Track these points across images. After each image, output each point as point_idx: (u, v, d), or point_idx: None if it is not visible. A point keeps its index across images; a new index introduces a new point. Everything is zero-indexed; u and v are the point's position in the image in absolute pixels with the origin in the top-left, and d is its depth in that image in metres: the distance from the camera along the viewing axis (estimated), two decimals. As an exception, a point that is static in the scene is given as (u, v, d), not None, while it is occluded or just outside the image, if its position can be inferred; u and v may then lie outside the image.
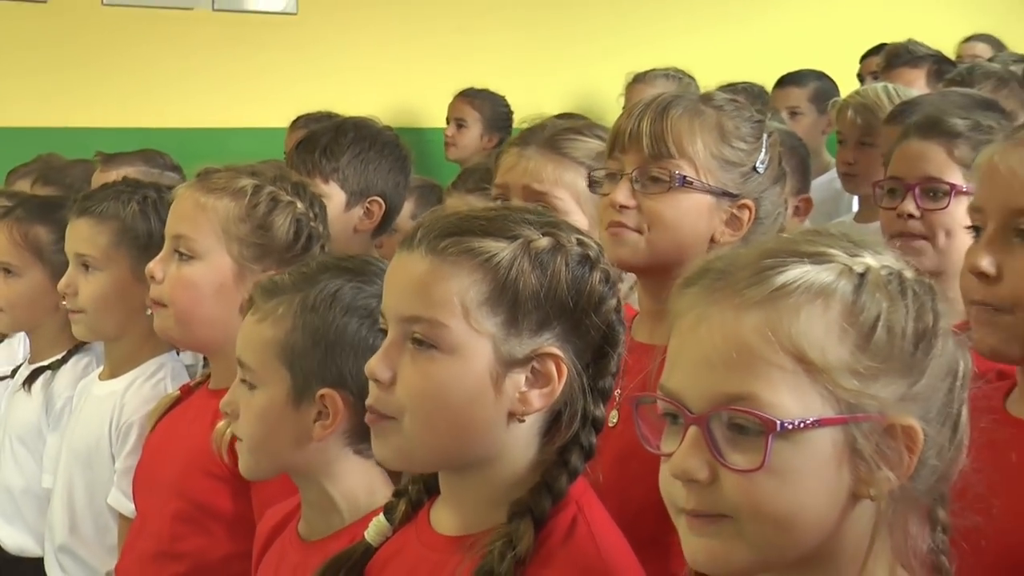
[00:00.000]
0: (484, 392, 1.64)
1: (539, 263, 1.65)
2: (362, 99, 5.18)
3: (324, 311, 1.99)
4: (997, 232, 1.76)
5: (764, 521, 1.30)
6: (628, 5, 7.25)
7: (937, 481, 1.38)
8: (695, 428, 1.31)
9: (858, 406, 1.30)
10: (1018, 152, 1.76)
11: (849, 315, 1.31)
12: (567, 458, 1.68)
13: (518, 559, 1.59)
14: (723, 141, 2.20)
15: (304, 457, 2.01)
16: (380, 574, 1.78)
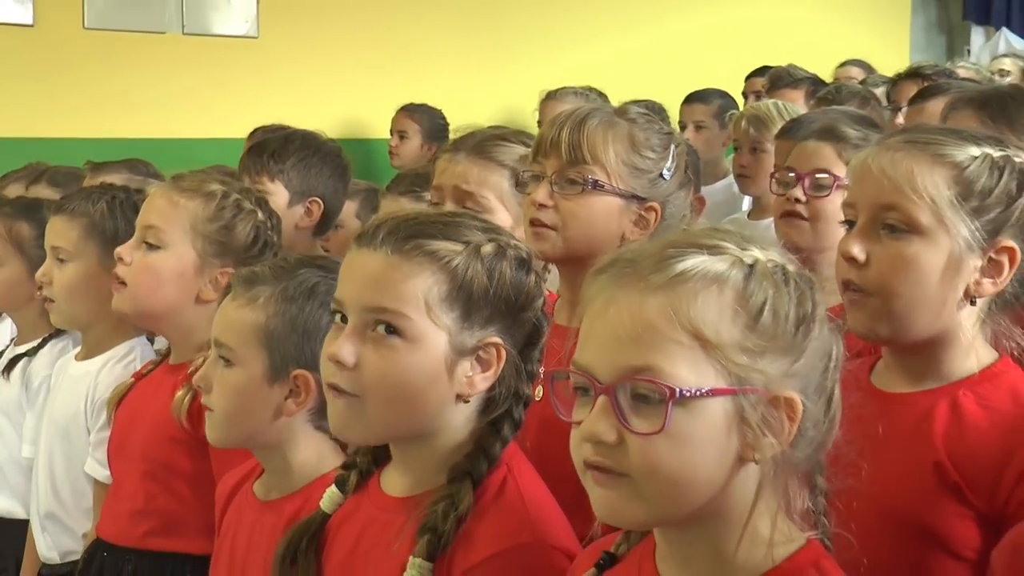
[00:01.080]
0: (439, 377, 1.65)
1: (487, 266, 1.67)
2: (314, 113, 5.17)
3: (302, 301, 1.99)
4: (867, 224, 1.77)
5: (660, 480, 1.30)
6: (549, 31, 7.27)
7: (814, 450, 1.39)
8: (603, 397, 1.31)
9: (746, 379, 1.31)
10: (887, 155, 1.77)
11: (740, 299, 1.31)
12: (500, 428, 1.70)
13: (458, 516, 1.61)
14: (633, 150, 2.20)
15: (272, 430, 2.00)
16: (336, 535, 1.78)
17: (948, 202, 1.73)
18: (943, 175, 1.74)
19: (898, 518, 1.71)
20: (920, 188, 1.73)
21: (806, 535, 1.39)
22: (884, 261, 1.75)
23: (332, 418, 1.71)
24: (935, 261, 1.73)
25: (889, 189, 1.75)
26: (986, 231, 1.74)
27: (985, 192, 1.74)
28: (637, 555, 1.46)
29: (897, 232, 1.74)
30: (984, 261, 1.75)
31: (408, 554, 1.61)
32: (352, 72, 6.60)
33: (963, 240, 1.73)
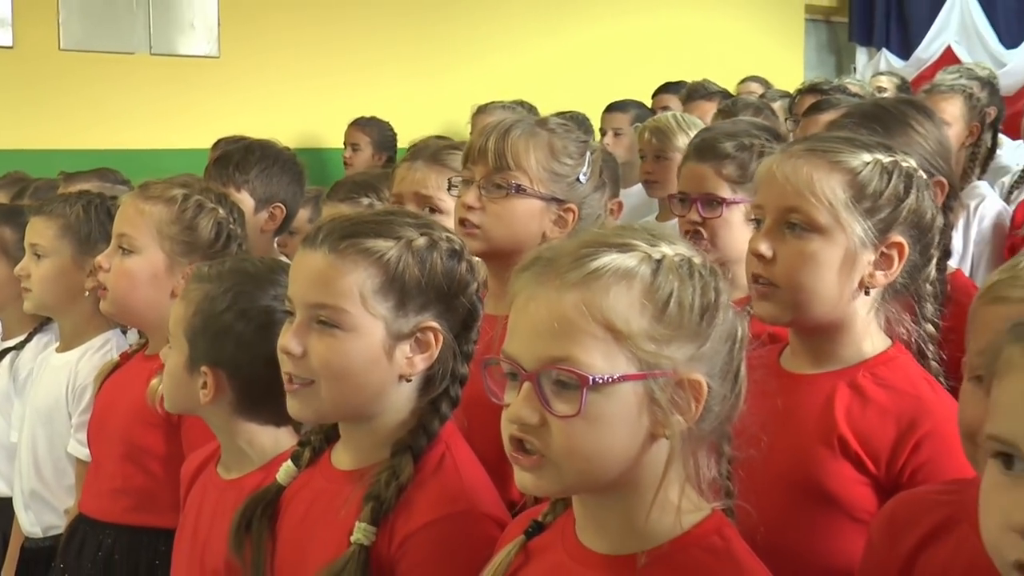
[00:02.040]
0: (379, 361, 1.65)
1: (419, 258, 1.66)
2: (271, 125, 5.09)
3: (218, 305, 1.97)
4: (773, 225, 1.79)
5: (578, 457, 1.31)
6: (483, 48, 7.25)
7: (721, 423, 1.39)
8: (528, 383, 1.31)
9: (655, 365, 1.31)
10: (790, 162, 1.78)
11: (647, 293, 1.31)
12: (438, 406, 1.71)
13: (400, 486, 1.61)
14: (553, 157, 2.20)
15: (203, 413, 2.01)
16: (290, 505, 1.77)
17: (844, 204, 1.74)
18: (839, 180, 1.75)
19: (804, 485, 1.73)
20: (819, 192, 1.74)
21: (712, 505, 1.40)
22: (788, 257, 1.76)
23: (289, 404, 1.71)
24: (833, 256, 1.75)
25: (792, 193, 1.76)
26: (878, 229, 1.76)
27: (876, 194, 1.76)
28: (561, 524, 1.46)
29: (799, 231, 1.76)
30: (876, 255, 1.77)
31: (354, 520, 1.62)
32: (305, 88, 6.54)
33: (858, 237, 1.75)
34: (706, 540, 1.35)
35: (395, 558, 1.61)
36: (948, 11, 8.56)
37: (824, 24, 9.32)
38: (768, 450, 1.50)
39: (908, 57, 8.65)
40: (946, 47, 8.43)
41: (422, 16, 7.03)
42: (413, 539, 1.60)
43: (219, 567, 1.88)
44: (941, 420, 1.69)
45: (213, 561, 1.91)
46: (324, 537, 1.67)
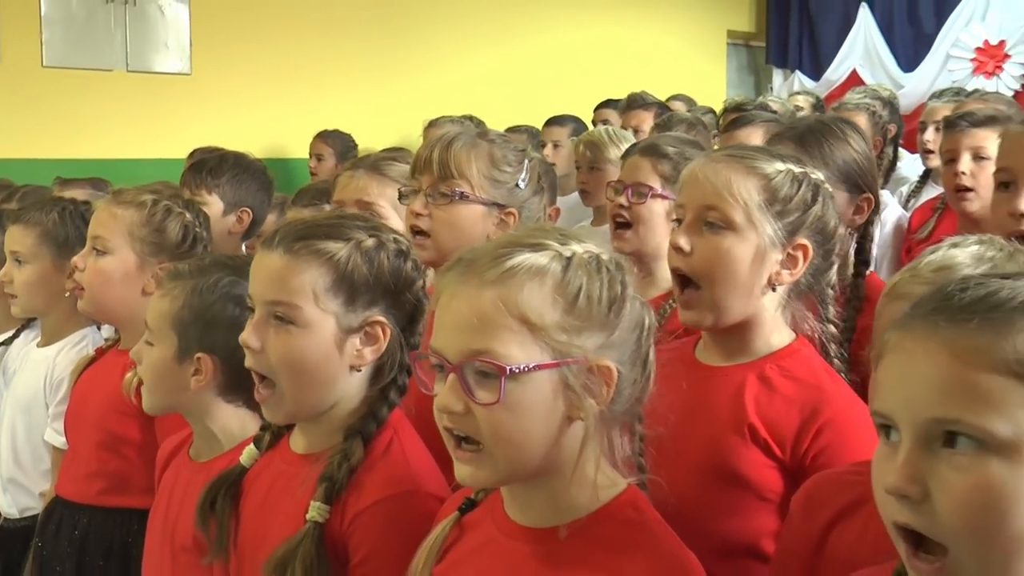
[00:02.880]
0: (331, 354, 1.65)
1: (368, 257, 1.66)
2: (241, 137, 5.08)
3: (206, 296, 1.96)
4: (692, 222, 1.79)
5: (503, 442, 1.31)
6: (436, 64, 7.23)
7: (632, 405, 1.40)
8: (453, 375, 1.31)
9: (567, 353, 1.31)
10: (711, 166, 1.79)
11: (559, 287, 1.32)
12: (387, 394, 1.71)
13: (351, 468, 1.62)
14: (493, 166, 2.20)
15: (185, 401, 1.99)
16: (252, 485, 1.77)
17: (757, 205, 1.75)
18: (754, 183, 1.76)
19: (718, 468, 1.73)
20: (735, 193, 1.75)
21: (627, 480, 1.40)
22: (705, 251, 1.77)
23: (265, 413, 1.72)
24: (745, 252, 1.75)
25: (711, 193, 1.77)
26: (786, 231, 1.77)
27: (787, 199, 1.77)
28: (491, 501, 1.47)
29: (716, 228, 1.76)
30: (783, 255, 1.78)
31: (310, 499, 1.61)
32: (272, 102, 6.51)
33: (768, 237, 1.76)
34: (621, 512, 1.36)
35: (347, 534, 1.60)
36: (853, 38, 8.65)
37: (744, 48, 9.38)
38: (684, 436, 1.52)
39: (818, 78, 8.73)
40: (852, 70, 8.52)
41: (379, 35, 7.00)
42: (363, 516, 1.60)
43: (188, 543, 1.87)
44: (840, 409, 1.71)
45: (183, 537, 1.90)
46: (283, 515, 1.66)
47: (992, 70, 7.90)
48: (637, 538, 1.34)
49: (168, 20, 6.27)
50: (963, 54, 8.05)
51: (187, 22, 6.33)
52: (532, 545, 1.36)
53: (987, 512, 0.99)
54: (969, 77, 7.70)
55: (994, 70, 7.90)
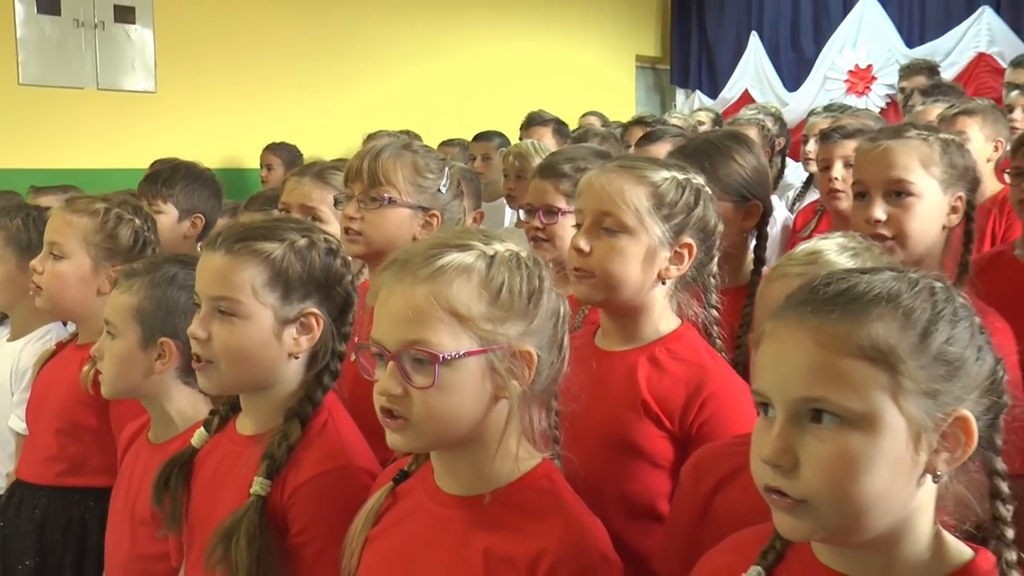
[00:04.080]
0: (270, 342, 1.64)
1: (300, 256, 1.65)
2: (201, 149, 5.05)
3: (165, 287, 1.94)
4: (590, 226, 1.79)
5: (436, 420, 1.31)
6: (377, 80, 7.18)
7: (549, 384, 1.40)
8: (392, 363, 1.31)
9: (493, 341, 1.31)
10: (605, 176, 1.79)
11: (484, 282, 1.32)
12: (321, 379, 1.69)
13: (289, 446, 1.61)
14: (417, 173, 2.18)
15: (149, 385, 1.96)
16: (202, 465, 1.75)
17: (646, 210, 1.75)
18: (643, 191, 1.76)
19: (615, 440, 1.74)
20: (627, 199, 1.75)
21: (543, 455, 1.41)
22: (601, 252, 1.77)
23: (199, 381, 1.69)
24: (637, 252, 1.75)
25: (606, 200, 1.77)
26: (672, 232, 1.77)
27: (672, 203, 1.77)
28: (422, 472, 1.46)
29: (611, 231, 1.76)
30: (671, 253, 1.78)
31: (253, 475, 1.60)
32: (228, 117, 6.43)
33: (657, 238, 1.76)
34: (537, 483, 1.37)
35: (286, 506, 1.59)
36: (745, 62, 8.73)
37: (651, 70, 9.45)
38: (588, 414, 1.52)
39: (715, 97, 8.80)
40: (744, 90, 8.59)
41: (322, 56, 6.94)
42: (301, 490, 1.58)
43: (146, 517, 1.85)
44: (720, 384, 1.72)
45: (142, 512, 1.88)
46: (229, 490, 1.64)
47: (862, 90, 8.03)
48: (550, 505, 1.34)
49: (135, 43, 6.19)
50: (838, 76, 8.17)
51: (152, 45, 6.25)
52: (458, 511, 1.37)
53: (846, 477, 1.01)
54: (843, 95, 7.80)
55: (864, 90, 8.03)
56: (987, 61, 7.20)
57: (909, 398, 1.01)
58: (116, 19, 6.10)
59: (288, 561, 1.57)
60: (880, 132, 2.19)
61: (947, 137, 2.09)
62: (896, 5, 7.98)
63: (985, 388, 1.05)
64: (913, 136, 2.05)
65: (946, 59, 7.39)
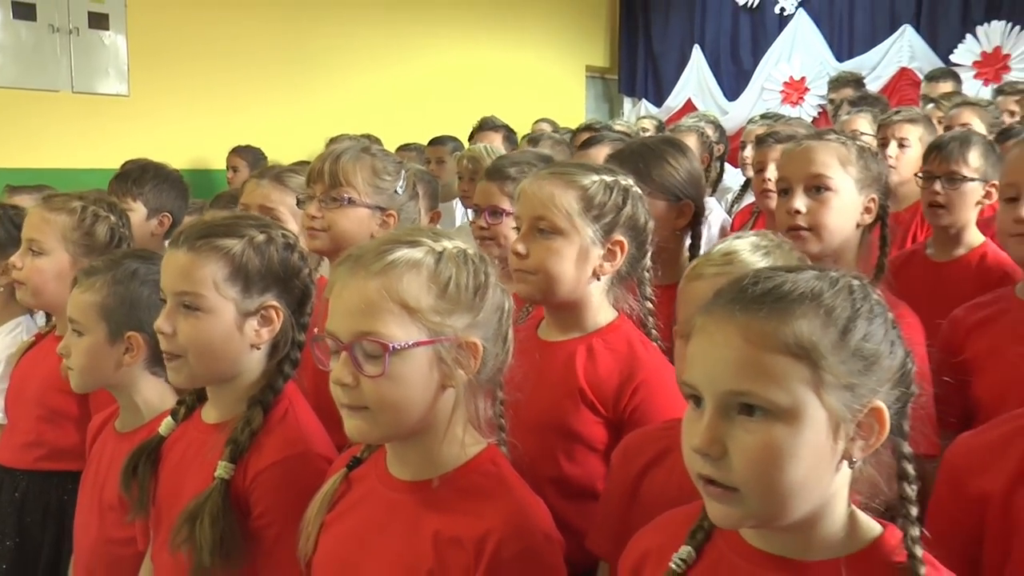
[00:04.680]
0: (232, 334, 1.62)
1: (259, 251, 1.63)
2: (171, 151, 4.99)
3: (127, 283, 1.91)
4: (527, 230, 1.79)
5: (387, 407, 1.30)
6: (337, 87, 7.12)
7: (495, 374, 1.40)
8: (345, 353, 1.30)
9: (441, 332, 1.31)
10: (538, 183, 1.79)
11: (432, 277, 1.31)
12: (282, 368, 1.68)
13: (252, 432, 1.60)
14: (375, 175, 2.18)
15: (118, 377, 1.93)
16: (169, 452, 1.73)
17: (577, 212, 1.76)
18: (574, 194, 1.77)
19: (555, 426, 1.74)
20: (559, 204, 1.76)
21: (488, 440, 1.41)
22: (538, 253, 1.77)
23: (169, 374, 1.67)
24: (570, 252, 1.76)
25: (539, 205, 1.77)
26: (604, 231, 1.78)
27: (601, 204, 1.78)
28: (375, 458, 1.46)
29: (546, 234, 1.77)
30: (604, 251, 1.79)
31: (218, 460, 1.58)
32: (197, 120, 6.34)
33: (589, 238, 1.77)
34: (483, 467, 1.37)
35: (249, 489, 1.58)
36: (688, 73, 8.79)
37: (600, 80, 9.46)
38: (529, 401, 1.52)
39: (660, 105, 8.85)
40: (687, 99, 8.66)
41: (286, 63, 6.87)
42: (262, 475, 1.57)
43: (114, 503, 1.84)
44: (651, 372, 1.73)
45: (109, 498, 1.86)
46: (195, 476, 1.63)
47: (796, 100, 8.13)
48: (495, 488, 1.34)
49: (108, 49, 6.10)
50: (774, 87, 8.26)
51: (125, 51, 6.16)
52: (409, 495, 1.36)
53: (772, 466, 1.02)
54: (779, 105, 7.89)
55: (798, 100, 8.12)
56: (908, 75, 7.32)
57: (830, 391, 1.02)
58: (90, 25, 6.01)
59: (250, 542, 1.56)
60: (803, 136, 2.24)
61: (863, 144, 2.15)
62: (827, 22, 8.07)
63: (896, 380, 1.06)
64: (833, 139, 2.11)
65: (872, 72, 7.52)
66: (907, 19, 7.56)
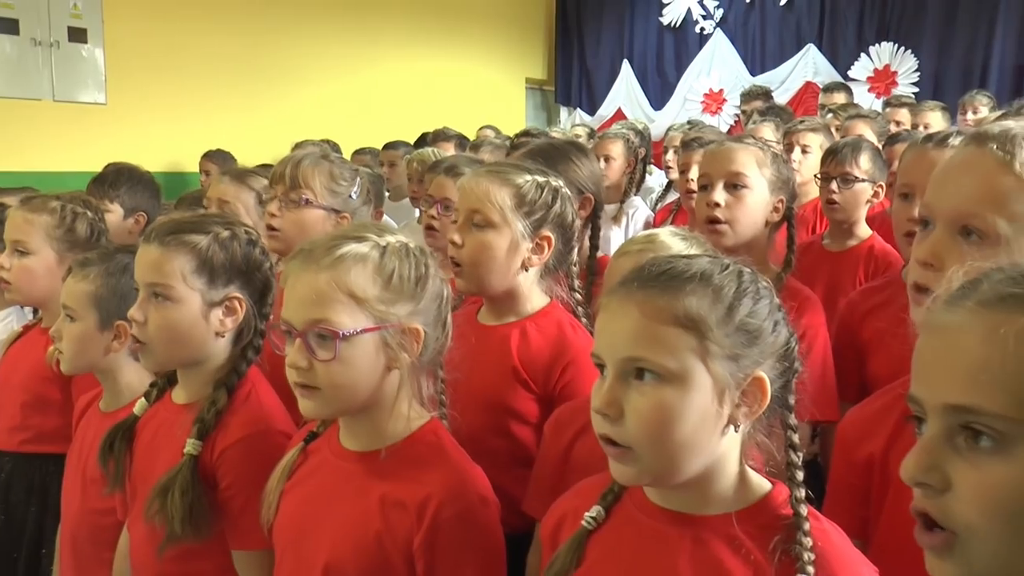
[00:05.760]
0: (198, 322, 1.61)
1: (224, 245, 1.62)
2: (146, 156, 4.84)
3: (119, 276, 1.89)
4: (463, 223, 1.79)
5: (339, 389, 1.31)
6: (301, 93, 7.02)
7: (436, 356, 1.40)
8: (299, 339, 1.29)
9: (386, 319, 1.31)
10: (475, 179, 1.79)
11: (378, 269, 1.32)
12: (246, 354, 1.67)
13: (218, 411, 1.59)
14: (332, 180, 2.17)
15: (105, 362, 1.91)
16: (143, 431, 1.72)
17: (510, 208, 1.76)
18: (507, 191, 1.77)
19: (492, 402, 1.75)
20: (493, 199, 1.76)
21: (431, 414, 1.41)
22: (472, 245, 1.77)
23: (141, 360, 1.66)
24: (502, 244, 1.76)
25: (475, 200, 1.77)
26: (533, 226, 1.78)
27: (532, 202, 1.78)
28: (329, 433, 1.46)
29: (480, 227, 1.77)
30: (532, 244, 1.79)
31: (187, 438, 1.57)
32: (171, 127, 6.22)
33: (519, 232, 1.76)
34: (425, 438, 1.37)
35: (216, 464, 1.57)
36: (618, 85, 8.84)
37: (539, 91, 9.45)
38: (469, 379, 1.53)
39: (593, 114, 8.88)
40: (618, 108, 8.71)
41: (252, 74, 6.76)
42: (228, 450, 1.57)
43: (96, 476, 1.81)
44: (579, 352, 1.73)
45: (92, 472, 1.84)
46: (166, 452, 1.62)
47: (715, 110, 8.22)
48: (436, 456, 1.35)
49: (87, 60, 5.97)
50: (695, 98, 8.34)
51: (103, 63, 6.03)
52: (358, 464, 1.37)
53: (661, 424, 1.04)
54: (700, 114, 7.96)
55: (716, 110, 8.21)
56: (812, 88, 7.43)
57: (715, 360, 1.03)
58: (70, 39, 5.89)
59: (217, 512, 1.56)
60: (725, 139, 2.27)
61: (777, 151, 2.20)
62: (741, 41, 8.16)
63: (780, 355, 1.08)
64: (752, 143, 2.16)
65: (782, 86, 7.63)
66: (811, 39, 7.69)
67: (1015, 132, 1.20)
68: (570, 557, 1.15)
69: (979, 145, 1.21)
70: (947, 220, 1.20)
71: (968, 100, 5.15)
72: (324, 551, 1.33)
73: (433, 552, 1.27)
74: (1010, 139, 1.19)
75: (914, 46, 7.09)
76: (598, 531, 1.16)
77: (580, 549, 1.15)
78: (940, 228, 1.21)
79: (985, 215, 1.17)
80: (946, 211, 1.21)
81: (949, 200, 1.21)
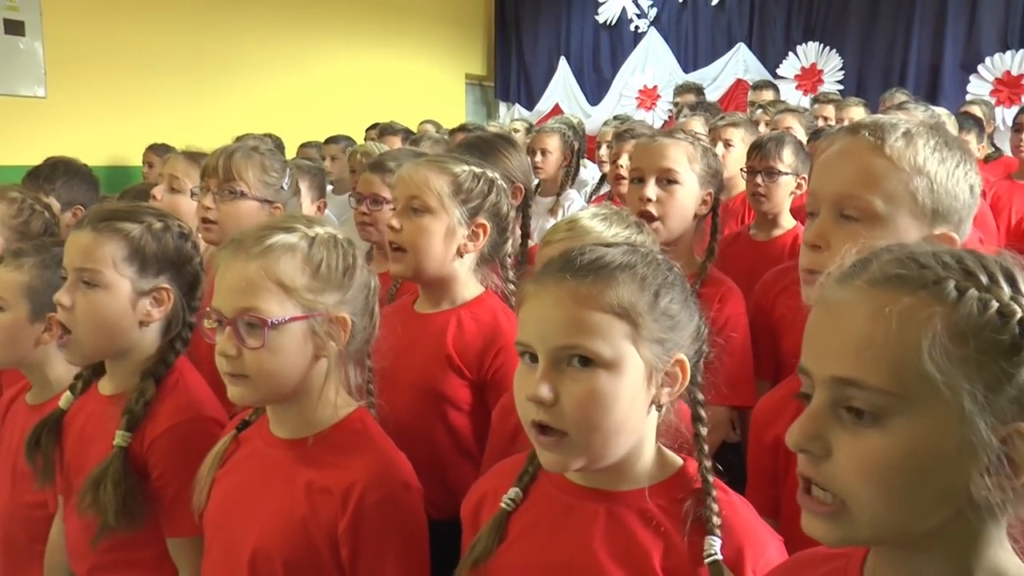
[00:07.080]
0: (126, 311, 1.58)
1: (156, 236, 1.59)
2: (88, 149, 4.77)
3: (54, 268, 1.82)
4: (402, 209, 1.79)
5: (268, 375, 1.29)
6: (245, 92, 6.91)
7: (363, 345, 1.39)
8: (229, 327, 1.28)
9: (314, 308, 1.30)
10: (415, 167, 1.80)
11: (306, 259, 1.30)
12: (174, 344, 1.64)
13: (146, 402, 1.57)
14: (264, 172, 2.14)
15: (35, 354, 1.85)
16: (71, 424, 1.68)
17: (448, 195, 1.76)
18: (445, 179, 1.77)
19: (427, 389, 1.74)
20: (432, 186, 1.76)
21: (359, 403, 1.40)
22: (410, 229, 1.77)
23: (65, 354, 1.62)
24: (439, 229, 1.76)
25: (413, 186, 1.77)
26: (469, 214, 1.79)
27: (469, 190, 1.78)
28: (260, 421, 1.44)
29: (418, 212, 1.77)
30: (468, 231, 1.79)
31: (116, 430, 1.54)
32: (113, 120, 6.08)
33: (456, 218, 1.77)
34: (352, 426, 1.37)
35: (147, 454, 1.54)
36: (556, 81, 8.86)
37: (478, 86, 9.45)
38: (404, 367, 1.52)
39: (532, 109, 8.89)
40: (555, 103, 8.74)
41: (196, 66, 6.63)
42: (158, 440, 1.54)
43: (27, 470, 1.75)
44: (510, 339, 1.69)
45: (22, 466, 1.77)
46: (97, 445, 1.58)
47: (650, 105, 8.29)
48: (361, 444, 1.35)
49: (25, 53, 5.80)
50: (631, 94, 8.40)
51: (42, 56, 5.86)
52: (287, 451, 1.35)
53: (596, 408, 1.04)
54: (635, 110, 8.04)
55: (651, 105, 8.29)
56: (743, 85, 7.54)
57: (645, 345, 1.05)
58: (7, 31, 5.72)
59: (150, 502, 1.53)
60: (657, 133, 2.29)
61: (707, 145, 2.22)
62: (675, 39, 8.24)
63: (694, 338, 1.11)
64: (683, 138, 2.16)
65: (714, 83, 7.73)
66: (741, 38, 7.80)
67: (883, 121, 1.27)
68: (492, 539, 1.15)
69: (853, 134, 1.28)
70: (829, 204, 1.26)
71: (888, 96, 5.27)
72: (252, 537, 1.31)
73: (357, 537, 1.26)
74: (880, 126, 1.26)
75: (838, 46, 7.24)
76: (516, 511, 1.17)
77: (501, 530, 1.16)
78: (824, 212, 1.27)
79: (863, 195, 1.23)
80: (828, 196, 1.27)
81: (830, 185, 1.27)
